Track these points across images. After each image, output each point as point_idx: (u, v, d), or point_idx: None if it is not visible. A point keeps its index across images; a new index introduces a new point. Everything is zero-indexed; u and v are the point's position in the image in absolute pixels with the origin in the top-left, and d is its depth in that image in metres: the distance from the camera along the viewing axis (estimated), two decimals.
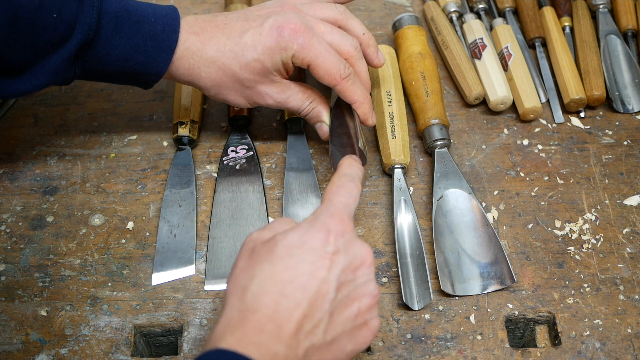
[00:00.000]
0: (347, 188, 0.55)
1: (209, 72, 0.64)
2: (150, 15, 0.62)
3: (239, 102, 0.67)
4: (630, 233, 0.68)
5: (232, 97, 0.67)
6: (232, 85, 0.65)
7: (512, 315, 0.63)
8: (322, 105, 0.68)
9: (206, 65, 0.64)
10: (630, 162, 0.73)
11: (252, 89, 0.65)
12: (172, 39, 0.63)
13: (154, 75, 0.64)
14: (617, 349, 0.60)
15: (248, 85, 0.65)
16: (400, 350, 0.61)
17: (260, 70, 0.64)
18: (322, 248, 0.49)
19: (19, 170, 0.73)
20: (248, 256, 0.50)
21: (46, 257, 0.67)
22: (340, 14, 0.68)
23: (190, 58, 0.64)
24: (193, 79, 0.65)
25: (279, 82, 0.65)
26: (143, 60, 0.63)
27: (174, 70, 0.64)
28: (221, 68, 0.64)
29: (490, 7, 0.87)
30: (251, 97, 0.66)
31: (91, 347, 0.61)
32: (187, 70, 0.64)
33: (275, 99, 0.66)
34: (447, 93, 0.80)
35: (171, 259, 0.66)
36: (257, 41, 0.63)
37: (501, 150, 0.75)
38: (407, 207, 0.67)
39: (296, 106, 0.67)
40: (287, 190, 0.70)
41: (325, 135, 0.69)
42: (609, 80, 0.78)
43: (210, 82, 0.65)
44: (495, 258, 0.65)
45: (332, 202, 0.53)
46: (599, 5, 0.84)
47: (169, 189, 0.71)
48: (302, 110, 0.68)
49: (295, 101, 0.67)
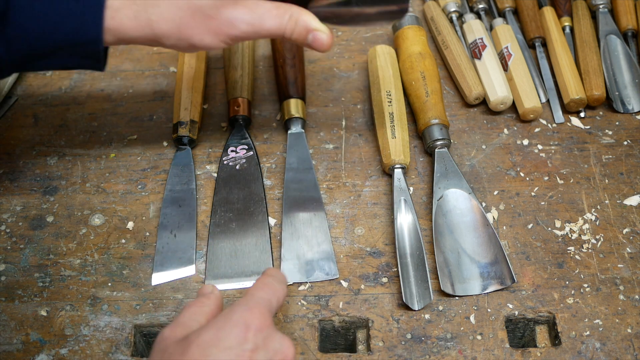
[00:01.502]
0: (272, 286, 0.52)
1: (159, 14, 0.55)
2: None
3: (208, 41, 0.57)
4: (630, 233, 0.68)
5: (199, 38, 0.56)
6: (193, 20, 0.55)
7: (512, 315, 0.63)
8: (305, 14, 0.58)
9: (153, 6, 0.55)
10: (630, 162, 0.73)
11: (217, 17, 0.56)
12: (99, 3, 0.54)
13: (92, 43, 0.55)
14: (617, 349, 0.60)
15: (210, 13, 0.55)
16: (400, 350, 0.61)
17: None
18: (239, 346, 0.45)
19: (19, 170, 0.73)
20: (159, 358, 0.47)
21: (46, 257, 0.67)
22: None
23: (133, 4, 0.55)
24: (144, 28, 0.55)
25: (245, 1, 0.56)
26: (73, 26, 0.54)
27: (117, 26, 0.55)
28: (172, 2, 0.55)
29: (490, 7, 0.87)
30: (220, 29, 0.56)
31: (91, 347, 0.61)
32: (134, 21, 0.55)
33: (246, 21, 0.56)
34: (447, 93, 0.80)
35: (171, 259, 0.66)
36: None
37: (501, 150, 0.75)
38: (407, 207, 0.67)
39: (275, 25, 0.57)
40: (287, 190, 0.70)
41: (326, 44, 0.59)
42: (609, 80, 0.78)
43: (166, 24, 0.55)
44: (495, 258, 0.65)
45: (252, 296, 0.50)
46: (599, 5, 0.84)
47: (169, 189, 0.71)
48: (285, 28, 0.57)
49: (271, 19, 0.57)
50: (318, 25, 0.58)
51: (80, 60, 0.57)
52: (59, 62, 0.57)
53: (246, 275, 0.65)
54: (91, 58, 0.56)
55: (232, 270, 0.65)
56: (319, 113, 0.78)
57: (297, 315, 0.63)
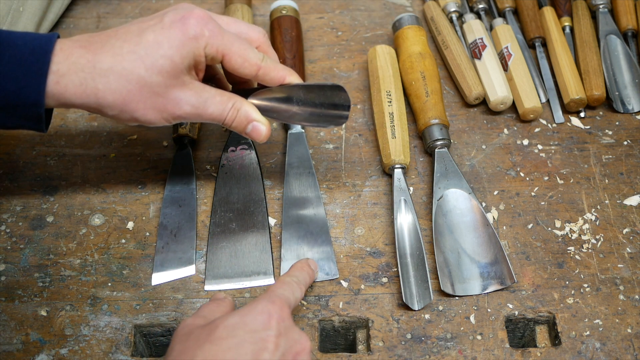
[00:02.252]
0: (291, 286, 0.55)
1: (107, 84, 0.54)
2: (19, 39, 0.54)
3: (151, 117, 0.57)
4: (630, 233, 0.68)
5: (142, 112, 0.56)
6: (139, 95, 0.55)
7: (512, 315, 0.63)
8: (246, 105, 0.60)
9: (102, 75, 0.54)
10: (630, 162, 0.73)
11: (164, 96, 0.56)
12: (42, 60, 0.53)
13: (33, 106, 0.54)
14: (617, 349, 0.60)
15: (158, 91, 0.55)
16: (400, 350, 0.61)
17: (170, 70, 0.55)
18: (264, 330, 0.48)
19: (19, 170, 0.73)
20: (184, 340, 0.49)
21: (46, 257, 0.67)
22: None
23: (80, 71, 0.54)
24: (89, 97, 0.54)
25: (192, 84, 0.57)
26: (14, 89, 0.53)
27: (61, 92, 0.54)
28: (122, 75, 0.54)
29: (490, 7, 0.87)
30: (164, 107, 0.56)
31: (91, 347, 0.61)
32: (79, 88, 0.54)
33: (191, 104, 0.57)
34: (447, 93, 0.80)
35: (171, 259, 0.66)
36: (161, 36, 0.55)
37: (501, 150, 0.75)
38: (407, 207, 0.67)
39: (217, 111, 0.58)
40: (287, 190, 0.70)
41: (263, 135, 0.61)
42: (609, 80, 0.78)
43: (112, 95, 0.55)
44: (495, 258, 0.65)
45: (273, 292, 0.53)
46: (599, 5, 0.84)
47: (169, 189, 0.71)
48: (227, 116, 0.59)
49: (214, 105, 0.58)
50: (258, 117, 0.60)
51: (20, 121, 0.56)
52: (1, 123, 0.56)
53: (246, 275, 0.65)
54: (32, 120, 0.56)
55: (232, 270, 0.65)
56: None
57: (297, 315, 0.63)
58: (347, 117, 0.64)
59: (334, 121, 0.64)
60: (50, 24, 0.84)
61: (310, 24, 0.88)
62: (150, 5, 0.90)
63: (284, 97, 0.62)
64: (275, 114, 0.62)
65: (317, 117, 0.63)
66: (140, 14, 0.89)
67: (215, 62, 0.59)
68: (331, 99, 0.63)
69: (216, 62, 0.59)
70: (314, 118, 0.63)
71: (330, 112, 0.63)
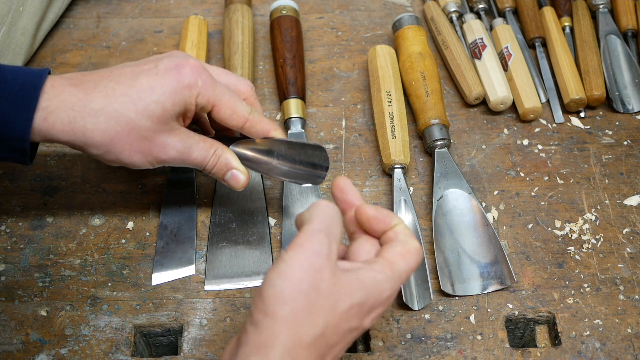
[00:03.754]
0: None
1: (96, 124, 0.54)
2: (9, 73, 0.54)
3: (135, 159, 0.57)
4: (630, 233, 0.68)
5: (127, 155, 0.57)
6: (127, 137, 0.56)
7: (512, 315, 0.63)
8: (227, 152, 0.61)
9: (92, 115, 0.54)
10: (630, 162, 0.73)
11: (151, 140, 0.57)
12: (31, 95, 0.53)
13: (18, 140, 0.54)
14: (617, 349, 0.60)
15: (146, 135, 0.56)
16: (400, 350, 0.61)
17: (160, 115, 0.56)
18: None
19: (19, 170, 0.73)
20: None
21: (46, 257, 0.67)
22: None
23: (70, 110, 0.54)
24: (77, 134, 0.54)
25: (179, 130, 0.58)
26: (0, 122, 0.53)
27: (48, 129, 0.54)
28: (113, 116, 0.55)
29: (490, 7, 0.87)
30: (150, 151, 0.57)
31: (91, 347, 0.61)
32: (67, 126, 0.54)
33: (177, 149, 0.58)
34: (447, 93, 0.80)
35: (171, 259, 0.66)
36: (155, 82, 0.56)
37: (501, 150, 0.75)
38: (407, 207, 0.67)
39: (200, 157, 0.59)
40: (287, 191, 0.70)
41: (241, 184, 0.62)
42: (609, 80, 0.78)
43: (100, 135, 0.55)
44: (495, 258, 0.65)
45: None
46: (599, 5, 0.84)
47: (169, 189, 0.71)
48: (208, 162, 0.60)
49: (198, 151, 0.59)
50: (237, 165, 0.61)
51: (4, 153, 0.56)
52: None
53: (246, 275, 0.65)
54: (16, 152, 0.55)
55: (232, 270, 0.65)
56: (319, 113, 0.78)
57: None
58: (324, 177, 0.65)
59: (311, 180, 0.65)
60: (50, 24, 0.84)
61: (310, 24, 0.88)
62: (150, 5, 0.90)
63: (265, 150, 0.63)
64: (255, 165, 0.64)
65: (295, 173, 0.64)
66: (140, 14, 0.89)
67: (204, 112, 0.60)
68: (311, 157, 0.64)
69: (205, 112, 0.60)
70: (292, 174, 0.64)
71: (308, 170, 0.64)
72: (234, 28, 0.81)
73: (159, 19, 0.89)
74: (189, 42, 0.79)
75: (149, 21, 0.88)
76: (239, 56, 0.78)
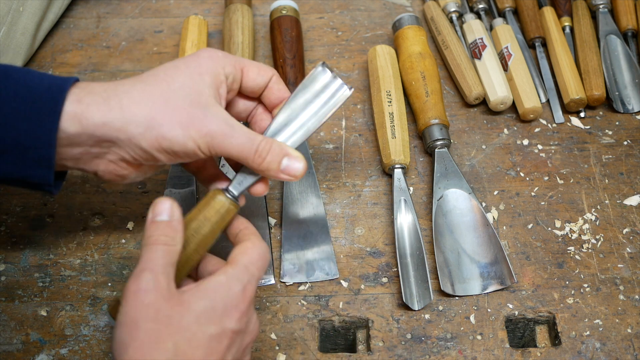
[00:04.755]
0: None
1: (131, 98, 0.52)
2: (36, 78, 0.52)
3: (178, 133, 0.52)
4: (630, 233, 0.68)
5: (168, 127, 0.52)
6: (164, 108, 0.52)
7: (512, 315, 0.63)
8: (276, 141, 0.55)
9: (125, 92, 0.52)
10: (630, 162, 0.73)
11: (188, 111, 0.53)
12: (57, 99, 0.50)
13: (43, 148, 0.51)
14: (617, 349, 0.60)
15: (182, 105, 0.52)
16: (400, 350, 0.61)
17: (193, 88, 0.53)
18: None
19: None
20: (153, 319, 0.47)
21: (46, 257, 0.67)
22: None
23: (102, 92, 0.52)
24: (113, 111, 0.51)
25: (218, 106, 0.54)
26: (26, 129, 0.50)
27: (83, 110, 0.51)
28: (146, 91, 0.53)
29: (490, 7, 0.87)
30: (191, 122, 0.52)
31: (91, 347, 0.61)
32: (102, 105, 0.51)
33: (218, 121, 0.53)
34: (447, 93, 0.80)
35: None
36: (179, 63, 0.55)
37: (501, 150, 0.75)
38: (407, 207, 0.67)
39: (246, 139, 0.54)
40: (287, 190, 0.70)
41: (301, 170, 0.55)
42: (609, 80, 0.78)
43: (137, 107, 0.52)
44: (495, 258, 0.65)
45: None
46: (599, 5, 0.84)
47: (169, 189, 0.71)
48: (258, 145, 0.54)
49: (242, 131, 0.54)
50: (292, 151, 0.55)
51: (28, 170, 0.52)
52: (6, 179, 0.53)
53: None
54: (41, 166, 0.52)
55: None
56: None
57: (297, 315, 0.63)
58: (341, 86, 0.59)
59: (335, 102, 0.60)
60: (50, 24, 0.84)
61: (310, 24, 0.88)
62: (150, 5, 0.90)
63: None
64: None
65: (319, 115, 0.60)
66: (140, 14, 0.89)
67: (235, 83, 0.57)
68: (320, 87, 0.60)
69: (236, 83, 0.57)
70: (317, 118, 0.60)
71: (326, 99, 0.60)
72: (234, 28, 0.81)
73: (159, 19, 0.89)
74: (189, 42, 0.79)
75: (149, 21, 0.88)
76: (239, 56, 0.78)
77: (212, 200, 0.55)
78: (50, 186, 0.53)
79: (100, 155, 0.54)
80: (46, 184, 0.53)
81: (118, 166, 0.55)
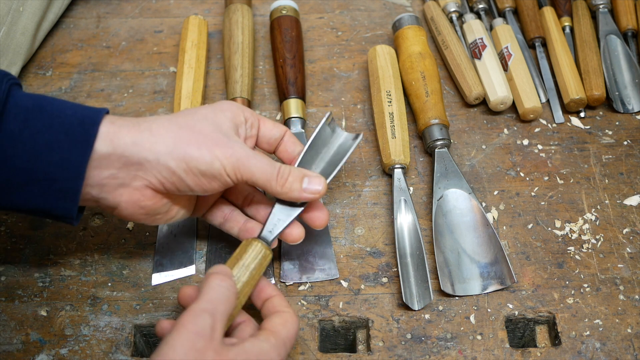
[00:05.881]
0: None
1: (160, 124, 0.55)
2: (69, 109, 0.53)
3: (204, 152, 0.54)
4: (630, 233, 0.68)
5: (195, 148, 0.55)
6: (190, 134, 0.55)
7: (512, 315, 0.63)
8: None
9: (153, 121, 0.55)
10: (630, 162, 0.73)
11: (213, 138, 0.56)
12: (90, 131, 0.52)
13: (70, 180, 0.52)
14: (617, 349, 0.60)
15: (207, 133, 0.56)
16: (400, 350, 0.61)
17: (217, 122, 0.57)
18: None
19: None
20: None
21: (46, 257, 0.67)
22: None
23: (132, 120, 0.55)
24: (143, 133, 0.54)
25: (239, 140, 0.58)
26: (57, 160, 0.52)
27: (115, 131, 0.53)
28: (173, 121, 0.56)
29: (490, 7, 0.87)
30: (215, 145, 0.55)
31: (91, 347, 0.61)
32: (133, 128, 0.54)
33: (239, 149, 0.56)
34: (447, 93, 0.80)
35: (171, 259, 0.66)
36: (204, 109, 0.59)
37: (501, 150, 0.75)
38: (407, 207, 0.67)
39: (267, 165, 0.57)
40: None
41: (322, 188, 0.58)
42: (609, 80, 0.78)
43: (165, 130, 0.55)
44: (495, 258, 0.65)
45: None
46: (599, 5, 0.84)
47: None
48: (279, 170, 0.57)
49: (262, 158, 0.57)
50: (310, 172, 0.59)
51: (52, 201, 0.53)
52: (25, 199, 0.53)
53: None
54: (66, 197, 0.53)
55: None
56: (319, 113, 0.78)
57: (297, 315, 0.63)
58: (356, 140, 0.64)
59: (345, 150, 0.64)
60: (50, 24, 0.84)
61: (310, 24, 0.88)
62: (150, 5, 0.90)
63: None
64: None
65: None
66: (140, 14, 0.89)
67: (254, 129, 0.60)
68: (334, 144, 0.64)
69: (254, 129, 0.60)
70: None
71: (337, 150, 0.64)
72: (234, 28, 0.81)
73: (159, 19, 0.89)
74: (189, 42, 0.79)
75: (149, 21, 0.88)
76: (238, 56, 0.78)
77: (248, 248, 0.56)
78: (72, 219, 0.55)
79: (126, 183, 0.55)
80: (69, 216, 0.55)
81: (142, 195, 0.55)
